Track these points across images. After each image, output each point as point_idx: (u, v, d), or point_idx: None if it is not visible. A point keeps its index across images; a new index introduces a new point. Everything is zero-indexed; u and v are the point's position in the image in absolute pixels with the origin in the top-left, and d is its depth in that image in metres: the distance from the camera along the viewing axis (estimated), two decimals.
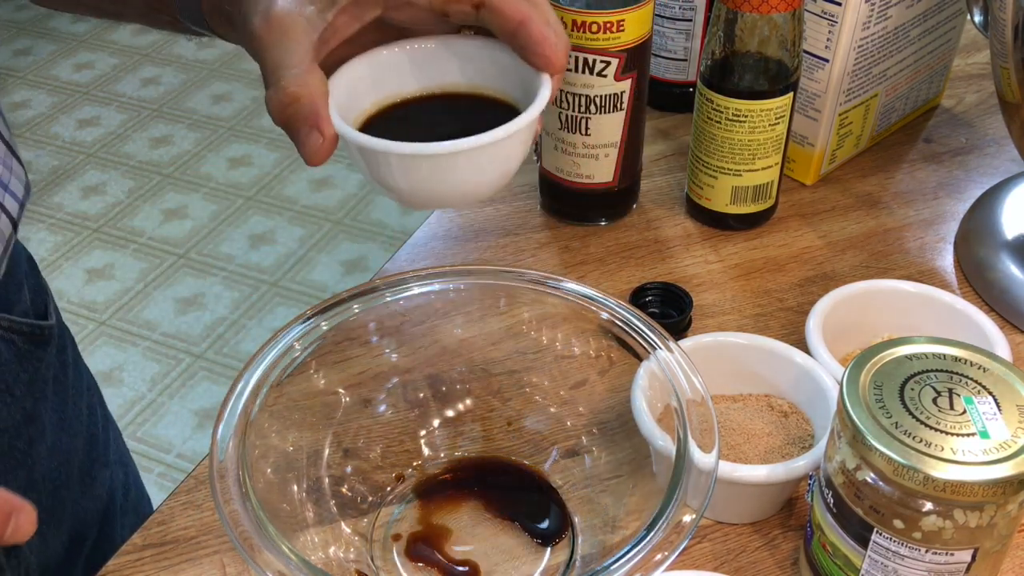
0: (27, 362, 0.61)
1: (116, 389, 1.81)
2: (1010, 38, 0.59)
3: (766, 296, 0.67)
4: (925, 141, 0.82)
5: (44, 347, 0.63)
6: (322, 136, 0.42)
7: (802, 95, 0.72)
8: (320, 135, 0.42)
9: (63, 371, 0.66)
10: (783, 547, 0.52)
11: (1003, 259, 0.67)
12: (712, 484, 0.43)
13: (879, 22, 0.70)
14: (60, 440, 0.64)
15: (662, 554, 0.40)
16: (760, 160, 0.68)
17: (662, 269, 0.69)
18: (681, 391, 0.47)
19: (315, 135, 0.42)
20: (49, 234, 2.16)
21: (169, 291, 2.01)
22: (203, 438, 1.71)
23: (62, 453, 0.65)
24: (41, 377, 0.62)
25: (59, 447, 0.64)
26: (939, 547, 0.41)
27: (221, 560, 0.51)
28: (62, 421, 0.65)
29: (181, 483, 0.56)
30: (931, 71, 0.81)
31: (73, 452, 0.66)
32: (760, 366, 0.56)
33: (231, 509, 0.42)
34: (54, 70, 2.71)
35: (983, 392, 0.42)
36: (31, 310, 0.63)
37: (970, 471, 0.38)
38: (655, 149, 0.81)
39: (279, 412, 0.49)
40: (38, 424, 0.62)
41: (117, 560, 0.52)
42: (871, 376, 0.42)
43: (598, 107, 0.66)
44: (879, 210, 0.74)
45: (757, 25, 0.63)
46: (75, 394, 0.67)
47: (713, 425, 0.45)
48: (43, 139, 2.45)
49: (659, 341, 0.49)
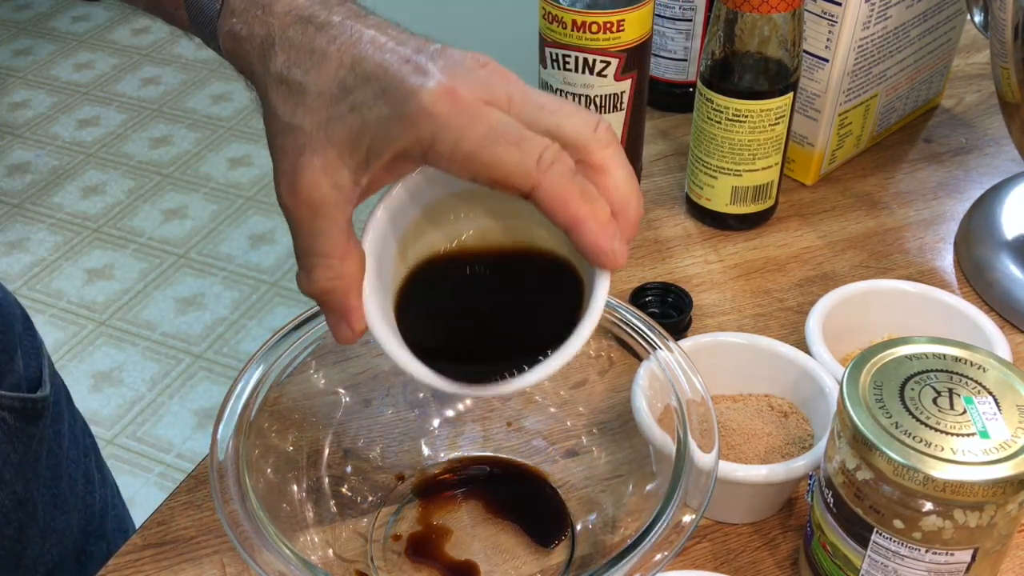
0: (18, 441, 0.57)
1: (116, 389, 1.81)
2: (1010, 38, 0.59)
3: (766, 296, 0.67)
4: (925, 141, 0.82)
5: (37, 422, 0.58)
6: (351, 330, 0.40)
7: (802, 95, 0.72)
8: (349, 329, 0.40)
9: (57, 443, 0.61)
10: (783, 547, 0.52)
11: (1003, 259, 0.67)
12: (712, 484, 0.43)
13: (879, 22, 0.70)
14: (53, 520, 0.61)
15: (662, 554, 0.40)
16: (760, 160, 0.68)
17: (662, 269, 0.69)
18: (681, 391, 0.47)
19: (343, 327, 0.40)
20: (49, 234, 2.16)
21: (169, 291, 2.01)
22: (203, 438, 1.71)
23: (56, 533, 0.61)
24: (33, 455, 0.58)
25: (52, 527, 0.61)
26: (939, 547, 0.41)
27: (221, 560, 0.51)
28: (55, 499, 0.61)
29: (181, 483, 0.56)
30: (931, 71, 0.81)
31: (67, 531, 0.63)
32: (760, 366, 0.56)
33: (231, 509, 0.42)
34: (54, 70, 2.71)
35: (983, 392, 0.42)
36: (24, 380, 0.58)
37: (970, 471, 0.38)
38: (655, 149, 0.81)
39: (279, 412, 0.49)
40: (29, 507, 0.58)
41: (117, 560, 0.52)
42: (871, 376, 0.42)
43: (598, 107, 0.66)
44: (879, 210, 0.74)
45: (757, 25, 0.63)
46: (70, 465, 0.63)
47: (713, 425, 0.45)
48: (43, 139, 2.45)
49: (659, 341, 0.49)
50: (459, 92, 0.35)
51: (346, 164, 0.37)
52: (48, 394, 0.60)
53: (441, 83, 0.35)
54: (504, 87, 0.36)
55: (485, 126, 0.35)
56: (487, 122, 0.35)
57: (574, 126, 0.37)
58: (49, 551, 0.61)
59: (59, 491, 0.62)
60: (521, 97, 0.37)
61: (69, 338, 1.91)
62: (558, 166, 0.36)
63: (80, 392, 1.80)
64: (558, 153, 0.36)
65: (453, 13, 1.99)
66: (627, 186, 0.37)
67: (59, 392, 0.63)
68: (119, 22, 2.90)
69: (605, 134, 0.37)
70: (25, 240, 2.15)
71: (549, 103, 0.37)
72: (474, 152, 0.35)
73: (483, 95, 0.36)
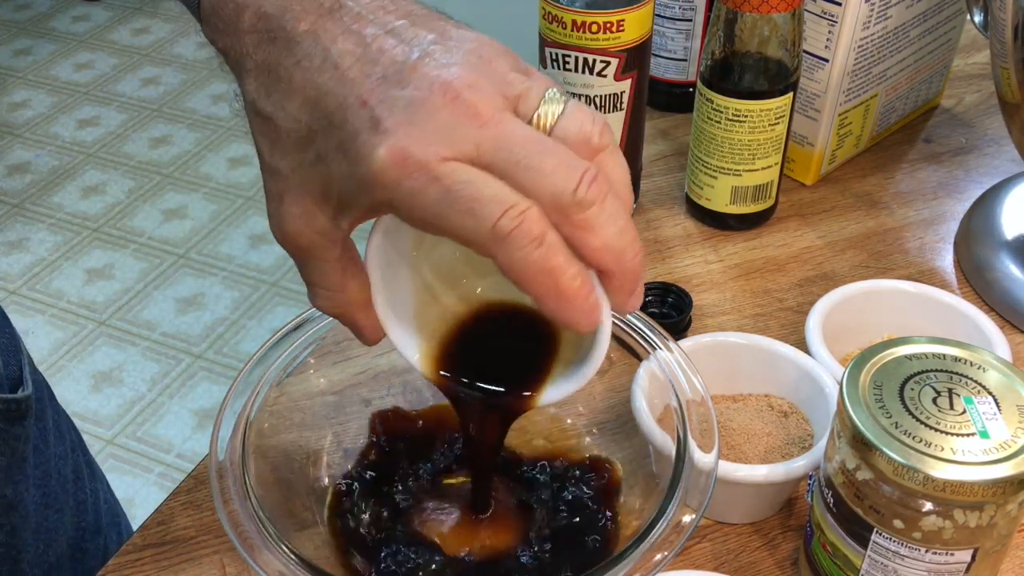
0: (4, 444, 0.56)
1: (116, 389, 1.81)
2: (1010, 38, 0.59)
3: (766, 296, 0.67)
4: (925, 141, 0.82)
5: (21, 422, 0.57)
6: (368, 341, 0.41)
7: (802, 95, 0.72)
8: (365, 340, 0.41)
9: (43, 440, 0.60)
10: (783, 547, 0.52)
11: (1003, 259, 0.67)
12: (712, 484, 0.43)
13: (879, 22, 0.70)
14: (46, 519, 0.60)
15: (662, 554, 0.40)
16: (760, 160, 0.68)
17: (662, 269, 0.69)
18: (681, 391, 0.47)
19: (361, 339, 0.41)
20: (49, 234, 2.16)
21: (169, 291, 2.01)
22: (203, 438, 1.71)
23: (49, 533, 0.60)
24: (20, 456, 0.57)
25: (45, 527, 0.60)
26: (939, 547, 0.41)
27: (221, 560, 0.51)
28: (46, 498, 0.60)
29: (181, 483, 0.56)
30: (931, 71, 0.81)
31: (61, 529, 0.62)
32: (760, 366, 0.56)
33: (231, 509, 0.42)
34: (54, 70, 2.71)
35: (983, 392, 0.42)
36: (5, 380, 0.57)
37: (970, 471, 0.38)
38: (655, 149, 0.81)
39: (279, 412, 0.49)
40: (20, 509, 0.57)
41: (117, 560, 0.52)
42: (871, 376, 0.42)
43: (598, 107, 0.66)
44: (879, 210, 0.74)
45: (757, 25, 0.63)
46: (58, 463, 0.62)
47: (713, 425, 0.45)
48: (43, 139, 2.45)
49: (659, 341, 0.49)
50: (410, 155, 0.32)
51: (323, 212, 0.36)
52: (30, 393, 0.59)
53: (392, 147, 0.32)
54: (472, 133, 0.32)
55: (437, 191, 0.32)
56: (441, 185, 0.32)
57: (550, 187, 0.32)
58: (45, 552, 0.60)
59: (49, 490, 0.61)
60: (492, 145, 0.33)
61: (69, 338, 1.91)
62: (517, 235, 0.32)
63: (80, 392, 1.80)
64: (518, 218, 0.32)
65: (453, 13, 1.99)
66: (619, 242, 0.34)
67: (41, 389, 0.62)
68: (119, 22, 2.90)
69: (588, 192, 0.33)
70: (25, 240, 2.15)
71: (526, 156, 0.33)
72: (428, 219, 0.33)
73: (442, 149, 0.32)
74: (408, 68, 0.34)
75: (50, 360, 1.86)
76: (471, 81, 0.33)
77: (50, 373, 1.84)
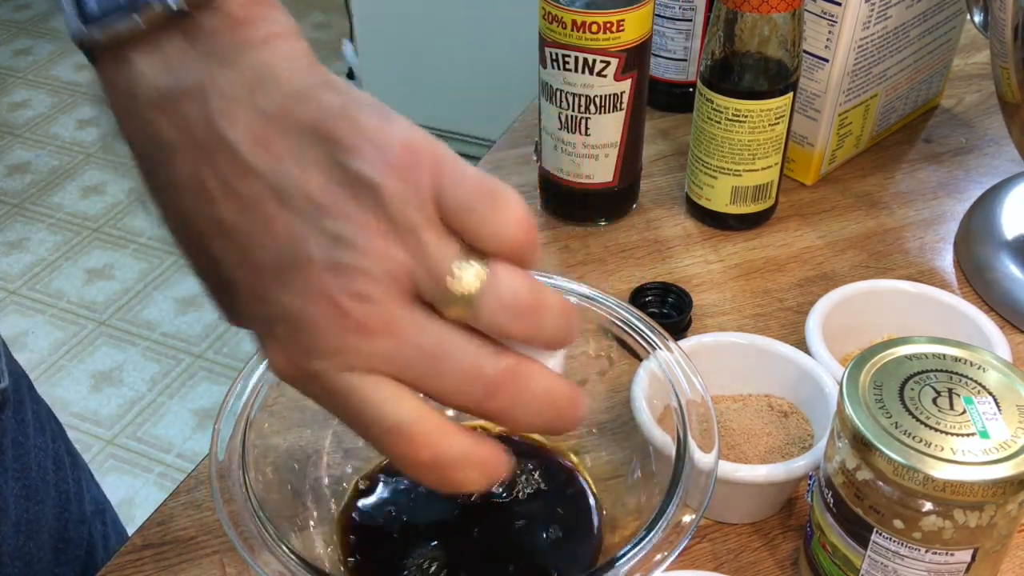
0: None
1: (116, 389, 1.81)
2: (1010, 38, 0.59)
3: (766, 296, 0.67)
4: (925, 141, 0.82)
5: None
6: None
7: (802, 95, 0.72)
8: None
9: (22, 432, 0.59)
10: (783, 547, 0.52)
11: (1003, 259, 0.67)
12: (712, 484, 0.43)
13: (879, 22, 0.70)
14: (27, 511, 0.59)
15: (662, 554, 0.40)
16: (760, 160, 0.68)
17: (662, 269, 0.69)
18: (681, 391, 0.46)
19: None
20: (49, 234, 2.16)
21: (169, 291, 2.01)
22: (203, 438, 1.71)
23: (30, 525, 0.59)
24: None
25: (26, 520, 0.59)
26: (939, 547, 0.41)
27: (221, 560, 0.51)
28: (27, 490, 0.59)
29: (181, 483, 0.56)
30: (931, 71, 0.81)
31: (42, 520, 0.61)
32: (760, 366, 0.56)
33: (231, 509, 0.42)
34: (54, 70, 2.71)
35: (983, 392, 0.42)
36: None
37: (970, 471, 0.38)
38: (655, 149, 0.81)
39: (279, 412, 0.48)
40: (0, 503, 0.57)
41: (117, 560, 0.52)
42: (871, 376, 0.42)
43: (598, 107, 0.66)
44: (879, 210, 0.74)
45: (757, 25, 0.63)
46: (39, 454, 0.61)
47: (713, 425, 0.45)
48: (43, 139, 2.45)
49: (659, 341, 0.49)
50: (303, 368, 0.32)
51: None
52: (7, 386, 0.58)
53: (285, 360, 0.32)
54: (362, 347, 0.30)
55: (333, 401, 0.32)
56: (334, 397, 0.32)
57: (454, 401, 0.32)
58: (26, 544, 0.59)
59: (29, 482, 0.60)
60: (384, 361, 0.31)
61: (69, 338, 1.91)
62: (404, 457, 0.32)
63: (80, 392, 1.80)
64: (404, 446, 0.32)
65: (453, 13, 1.98)
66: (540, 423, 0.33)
67: (19, 380, 0.61)
68: None
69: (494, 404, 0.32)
70: (25, 240, 2.15)
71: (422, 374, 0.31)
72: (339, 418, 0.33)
73: (331, 365, 0.31)
74: (288, 266, 0.31)
75: (50, 360, 1.86)
76: (359, 289, 0.30)
77: (50, 373, 1.84)
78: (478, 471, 0.32)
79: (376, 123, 0.31)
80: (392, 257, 0.30)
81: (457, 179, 0.31)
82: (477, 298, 0.31)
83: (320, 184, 0.30)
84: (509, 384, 0.32)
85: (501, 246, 0.31)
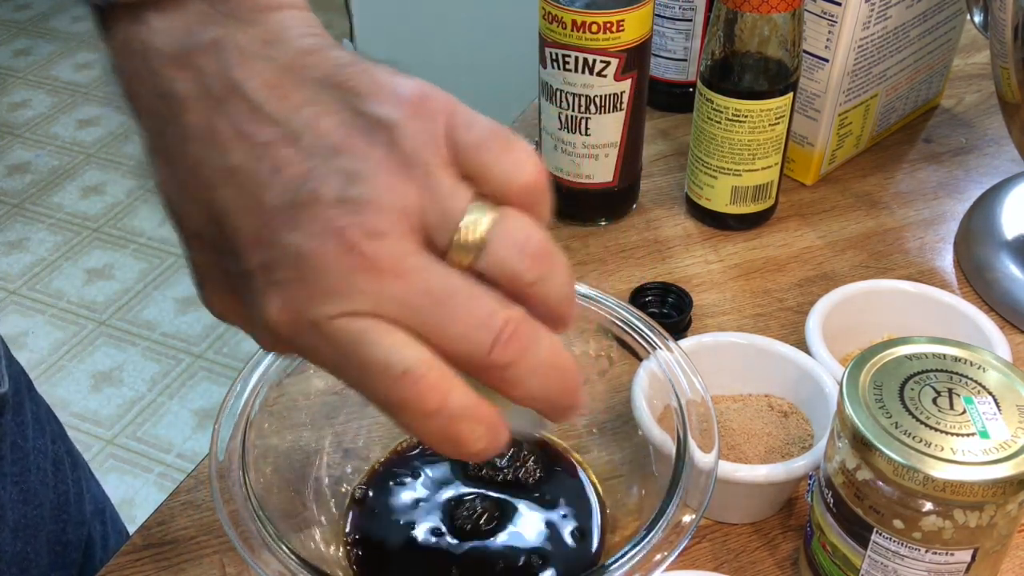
0: None
1: (116, 389, 1.81)
2: (1010, 38, 0.59)
3: (766, 296, 0.67)
4: (925, 141, 0.82)
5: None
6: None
7: (802, 95, 0.72)
8: None
9: (21, 435, 0.58)
10: (783, 547, 0.52)
11: (1003, 259, 0.67)
12: (712, 484, 0.43)
13: (879, 22, 0.70)
14: (25, 516, 0.58)
15: (662, 554, 0.40)
16: (760, 160, 0.68)
17: (662, 269, 0.69)
18: (681, 391, 0.46)
19: None
20: (49, 234, 2.16)
21: (169, 291, 2.01)
22: (203, 438, 1.71)
23: (28, 529, 0.58)
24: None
25: (24, 524, 0.58)
26: (939, 547, 0.41)
27: (221, 560, 0.51)
28: (25, 494, 0.58)
29: (181, 483, 0.56)
30: (931, 71, 0.81)
31: (40, 524, 0.60)
32: (760, 366, 0.56)
33: (231, 509, 0.42)
34: (54, 70, 2.71)
35: (983, 392, 0.42)
36: None
37: (970, 471, 0.38)
38: (655, 149, 0.81)
39: (279, 412, 0.48)
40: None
41: (117, 560, 0.52)
42: (871, 376, 0.42)
43: (598, 107, 0.66)
44: (879, 210, 0.74)
45: (757, 25, 0.63)
46: (38, 456, 0.60)
47: (713, 425, 0.45)
48: (43, 139, 2.45)
49: (659, 341, 0.49)
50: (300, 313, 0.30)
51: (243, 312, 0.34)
52: (7, 390, 0.57)
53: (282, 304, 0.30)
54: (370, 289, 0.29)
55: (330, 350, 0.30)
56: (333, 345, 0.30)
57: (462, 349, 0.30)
58: (24, 549, 0.58)
59: (28, 485, 0.59)
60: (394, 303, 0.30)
61: (69, 338, 1.91)
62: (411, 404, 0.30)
63: (80, 392, 1.80)
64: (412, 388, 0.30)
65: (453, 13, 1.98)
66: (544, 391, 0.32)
67: (19, 382, 0.60)
68: None
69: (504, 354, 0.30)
70: (25, 240, 2.15)
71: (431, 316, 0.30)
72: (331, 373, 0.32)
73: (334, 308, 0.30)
74: (299, 204, 0.30)
75: (50, 360, 1.86)
76: (370, 226, 0.29)
77: (50, 373, 1.84)
78: (483, 426, 0.31)
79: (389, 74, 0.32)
80: (405, 194, 0.30)
81: (470, 122, 0.31)
82: (489, 240, 0.30)
83: (334, 125, 0.30)
84: (518, 335, 0.30)
85: (512, 187, 0.31)
